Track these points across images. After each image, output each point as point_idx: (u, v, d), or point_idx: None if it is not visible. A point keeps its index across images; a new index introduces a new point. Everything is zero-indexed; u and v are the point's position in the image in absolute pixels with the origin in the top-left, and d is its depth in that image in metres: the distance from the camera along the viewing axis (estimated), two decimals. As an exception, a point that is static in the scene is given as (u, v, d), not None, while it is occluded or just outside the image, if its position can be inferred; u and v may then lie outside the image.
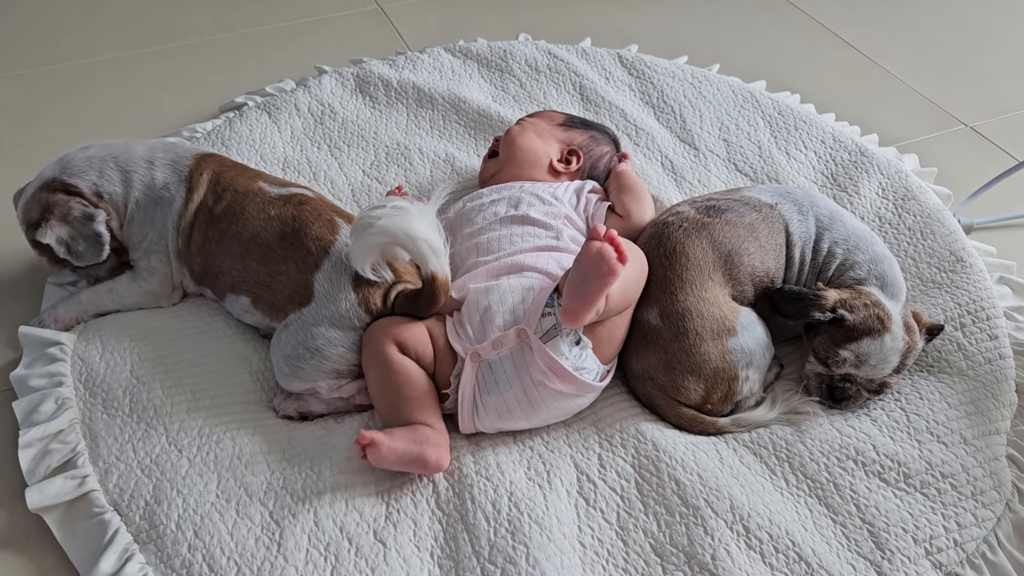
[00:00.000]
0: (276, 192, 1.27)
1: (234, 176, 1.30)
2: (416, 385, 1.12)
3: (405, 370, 1.12)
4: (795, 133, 1.72)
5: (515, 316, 1.14)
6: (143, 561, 1.03)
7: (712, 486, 1.09)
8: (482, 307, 1.16)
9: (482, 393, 1.12)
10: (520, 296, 1.16)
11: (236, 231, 1.25)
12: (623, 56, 1.94)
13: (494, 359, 1.12)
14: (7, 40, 2.08)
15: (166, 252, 1.30)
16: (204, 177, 1.29)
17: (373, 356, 1.14)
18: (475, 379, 1.12)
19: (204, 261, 1.28)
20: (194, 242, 1.28)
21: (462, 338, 1.15)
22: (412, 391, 1.11)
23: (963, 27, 2.24)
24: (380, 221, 1.07)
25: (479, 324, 1.15)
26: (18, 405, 1.19)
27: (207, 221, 1.27)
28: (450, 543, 1.05)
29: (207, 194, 1.28)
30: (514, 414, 1.13)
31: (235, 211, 1.26)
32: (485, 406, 1.13)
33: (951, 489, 1.12)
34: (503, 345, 1.12)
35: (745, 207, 1.26)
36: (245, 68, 1.99)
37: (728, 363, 1.17)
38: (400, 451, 1.04)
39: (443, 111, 1.76)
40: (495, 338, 1.12)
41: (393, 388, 1.12)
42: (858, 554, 1.05)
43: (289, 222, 1.23)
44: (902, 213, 1.52)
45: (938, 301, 1.36)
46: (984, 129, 1.88)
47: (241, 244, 1.24)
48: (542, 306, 1.12)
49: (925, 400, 1.22)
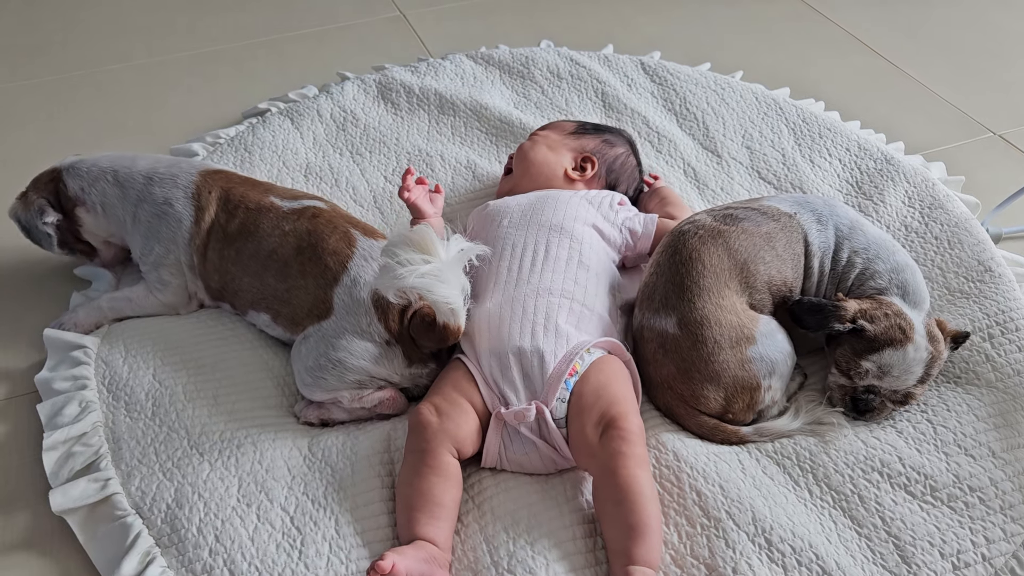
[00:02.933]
0: (289, 206, 1.27)
1: (244, 192, 1.30)
2: (447, 493, 1.06)
3: (446, 474, 1.06)
4: (819, 141, 1.71)
5: (533, 383, 1.12)
6: (164, 565, 1.03)
7: (734, 497, 1.08)
8: (501, 360, 1.13)
9: (506, 450, 1.11)
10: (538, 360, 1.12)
11: (253, 249, 1.25)
12: (645, 63, 1.93)
13: (518, 427, 1.10)
14: (34, 47, 2.11)
15: (177, 265, 1.31)
16: (213, 195, 1.30)
17: (421, 452, 1.07)
18: (500, 439, 1.11)
19: (222, 279, 1.29)
20: (210, 261, 1.29)
21: (489, 388, 1.13)
22: (441, 498, 1.05)
23: (991, 34, 2.21)
24: (408, 280, 1.03)
25: (500, 382, 1.12)
26: (42, 408, 1.20)
27: (222, 240, 1.28)
28: (469, 553, 1.05)
29: (218, 213, 1.29)
30: (536, 469, 1.13)
31: (250, 229, 1.26)
32: (509, 460, 1.12)
33: (979, 503, 1.10)
34: (524, 418, 1.09)
35: (763, 216, 1.25)
36: (268, 74, 2.00)
37: (748, 372, 1.16)
38: (414, 572, 0.97)
39: (465, 118, 1.76)
40: (517, 410, 1.09)
41: (426, 487, 1.05)
42: (884, 568, 1.04)
43: (305, 236, 1.23)
44: (929, 222, 1.50)
45: (966, 311, 1.34)
46: (1013, 137, 1.85)
47: (258, 262, 1.25)
48: (559, 386, 1.10)
49: (952, 412, 1.20)
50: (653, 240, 1.35)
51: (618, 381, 1.14)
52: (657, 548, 1.01)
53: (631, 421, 1.07)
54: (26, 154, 1.74)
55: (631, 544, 0.99)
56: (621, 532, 1.00)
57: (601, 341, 1.17)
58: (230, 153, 1.66)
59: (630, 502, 1.01)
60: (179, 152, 1.68)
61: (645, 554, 0.99)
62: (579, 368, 1.12)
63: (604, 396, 1.10)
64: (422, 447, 1.07)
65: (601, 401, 1.09)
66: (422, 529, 1.02)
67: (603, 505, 1.03)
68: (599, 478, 1.05)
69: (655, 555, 1.00)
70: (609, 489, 1.03)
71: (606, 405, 1.09)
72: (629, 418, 1.07)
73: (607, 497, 1.03)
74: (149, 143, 1.76)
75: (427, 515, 1.03)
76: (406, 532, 1.04)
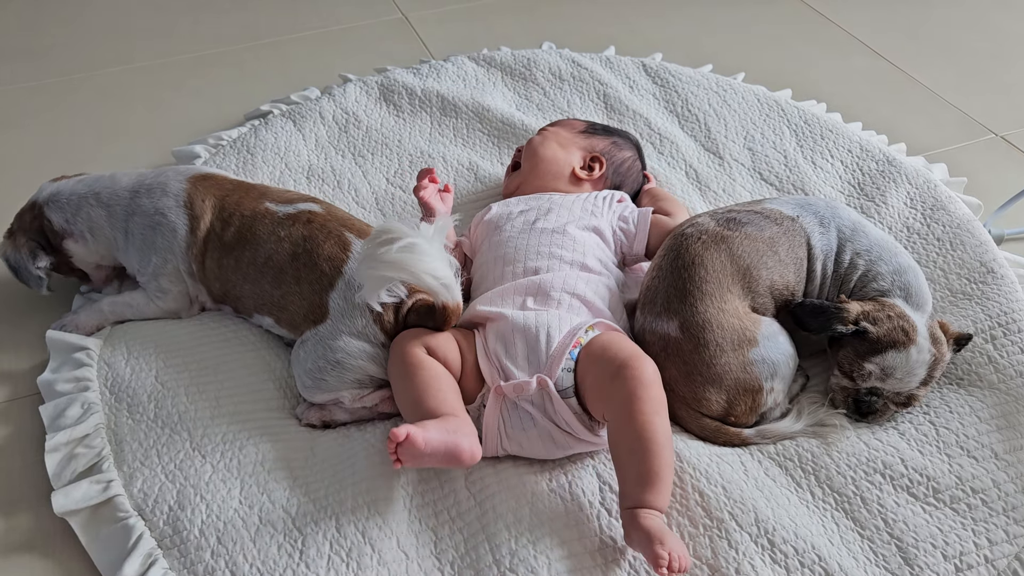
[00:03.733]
0: (283, 212, 1.27)
1: (239, 200, 1.30)
2: (442, 380, 1.10)
3: (431, 366, 1.11)
4: (821, 142, 1.71)
5: (537, 357, 1.12)
6: (166, 566, 1.03)
7: (736, 498, 1.08)
8: (505, 338, 1.15)
9: (506, 427, 1.11)
10: (544, 335, 1.13)
11: (250, 257, 1.25)
12: (647, 64, 1.93)
13: (517, 400, 1.11)
14: (37, 49, 2.11)
15: (176, 273, 1.30)
16: (207, 204, 1.29)
17: (400, 355, 1.13)
18: (499, 414, 1.11)
19: (223, 286, 1.29)
20: (209, 269, 1.29)
21: (490, 362, 1.14)
22: (438, 384, 1.09)
23: (992, 35, 2.21)
24: (388, 256, 1.05)
25: (503, 357, 1.13)
26: (45, 409, 1.21)
27: (219, 249, 1.28)
28: (471, 552, 1.05)
29: (214, 221, 1.28)
30: (536, 451, 1.13)
31: (246, 237, 1.26)
32: (509, 438, 1.12)
33: (982, 505, 1.10)
34: (525, 391, 1.10)
35: (766, 220, 1.25)
36: (270, 76, 2.00)
37: (750, 374, 1.16)
38: (435, 442, 0.99)
39: (467, 119, 1.76)
40: (517, 382, 1.10)
41: (419, 383, 1.09)
42: (886, 570, 1.04)
43: (300, 242, 1.23)
44: (931, 223, 1.50)
45: (968, 313, 1.34)
46: (1015, 139, 1.85)
47: (256, 269, 1.25)
48: (563, 357, 1.11)
49: (955, 414, 1.20)
50: (649, 236, 1.35)
51: (627, 340, 1.16)
52: (666, 493, 1.04)
53: (645, 363, 1.08)
54: (28, 157, 1.75)
55: (641, 490, 1.02)
56: (633, 477, 1.03)
57: (602, 323, 1.18)
58: (232, 155, 1.66)
59: (644, 450, 1.03)
60: (181, 154, 1.69)
61: (654, 499, 1.02)
62: (583, 341, 1.13)
63: (613, 346, 1.11)
64: (398, 353, 1.13)
65: (611, 350, 1.10)
66: (439, 408, 1.06)
67: (617, 449, 1.05)
68: (615, 423, 1.06)
69: (664, 500, 1.03)
70: (624, 435, 1.04)
71: (616, 350, 1.10)
72: (643, 360, 1.08)
73: (622, 442, 1.05)
74: (151, 145, 1.76)
75: (431, 397, 1.07)
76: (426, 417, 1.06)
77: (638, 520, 1.00)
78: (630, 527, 1.01)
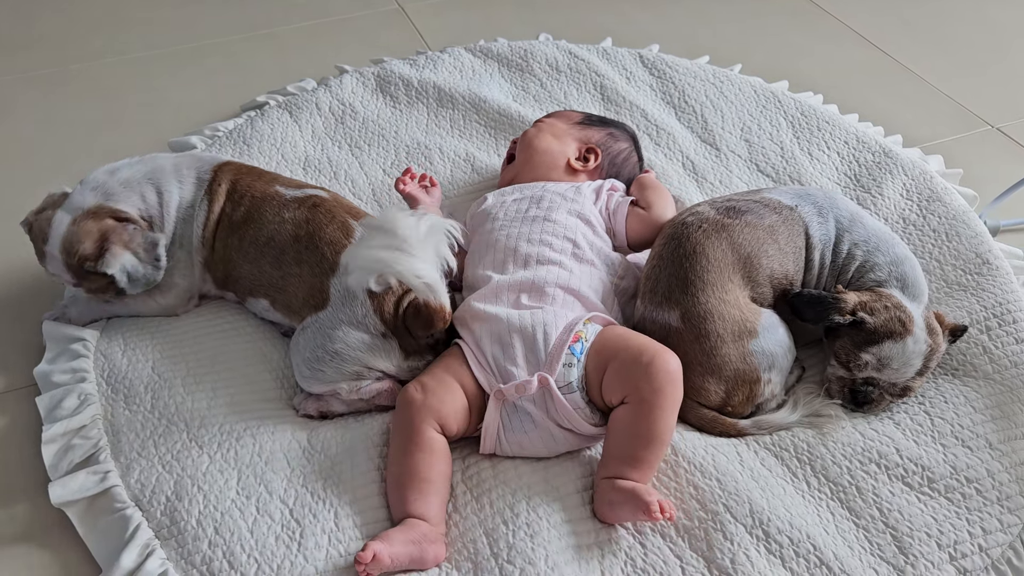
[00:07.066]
0: (291, 195, 1.27)
1: (251, 182, 1.30)
2: (434, 468, 1.07)
3: (431, 449, 1.07)
4: (818, 134, 1.71)
5: (536, 356, 1.12)
6: (164, 557, 1.03)
7: (731, 490, 1.08)
8: (502, 339, 1.14)
9: (505, 431, 1.11)
10: (541, 333, 1.13)
11: (253, 236, 1.25)
12: (644, 56, 1.93)
13: (517, 401, 1.11)
14: (32, 39, 2.10)
15: (189, 265, 1.30)
16: (223, 187, 1.30)
17: (405, 428, 1.09)
18: (499, 417, 1.11)
19: (225, 267, 1.29)
20: (217, 251, 1.29)
21: (485, 370, 1.13)
22: (427, 473, 1.06)
23: (989, 27, 2.21)
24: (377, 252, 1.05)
25: (501, 359, 1.13)
26: (41, 400, 1.20)
27: (228, 229, 1.28)
28: (468, 545, 1.05)
29: (226, 203, 1.29)
30: (536, 450, 1.13)
31: (253, 217, 1.26)
32: (508, 441, 1.12)
33: (976, 494, 1.10)
34: (526, 391, 1.09)
35: (765, 209, 1.25)
36: (267, 67, 2.00)
37: (749, 365, 1.16)
38: (400, 556, 0.99)
39: (463, 111, 1.76)
40: (518, 382, 1.10)
41: (411, 464, 1.06)
42: (881, 559, 1.04)
43: (303, 224, 1.23)
44: (927, 215, 1.50)
45: (963, 303, 1.34)
46: (1011, 130, 1.85)
47: (257, 248, 1.25)
48: (563, 352, 1.11)
49: (950, 404, 1.21)
50: (626, 227, 1.33)
51: (637, 335, 1.16)
52: (650, 476, 1.08)
53: (673, 358, 1.10)
54: (23, 148, 1.74)
55: (629, 468, 1.06)
56: (625, 456, 1.06)
57: (598, 317, 1.18)
58: (228, 146, 1.65)
59: (648, 441, 1.06)
60: (177, 145, 1.68)
61: (638, 477, 1.06)
62: (583, 335, 1.13)
63: (634, 340, 1.13)
64: (407, 424, 1.09)
65: (633, 343, 1.12)
66: (412, 506, 1.04)
67: (620, 429, 1.07)
68: (632, 405, 1.07)
69: (646, 480, 1.07)
70: (635, 423, 1.07)
71: (640, 343, 1.12)
72: (670, 356, 1.10)
73: (629, 427, 1.07)
74: (147, 137, 1.76)
75: (415, 492, 1.05)
76: (397, 510, 1.06)
77: (618, 484, 1.04)
78: (610, 492, 1.04)
